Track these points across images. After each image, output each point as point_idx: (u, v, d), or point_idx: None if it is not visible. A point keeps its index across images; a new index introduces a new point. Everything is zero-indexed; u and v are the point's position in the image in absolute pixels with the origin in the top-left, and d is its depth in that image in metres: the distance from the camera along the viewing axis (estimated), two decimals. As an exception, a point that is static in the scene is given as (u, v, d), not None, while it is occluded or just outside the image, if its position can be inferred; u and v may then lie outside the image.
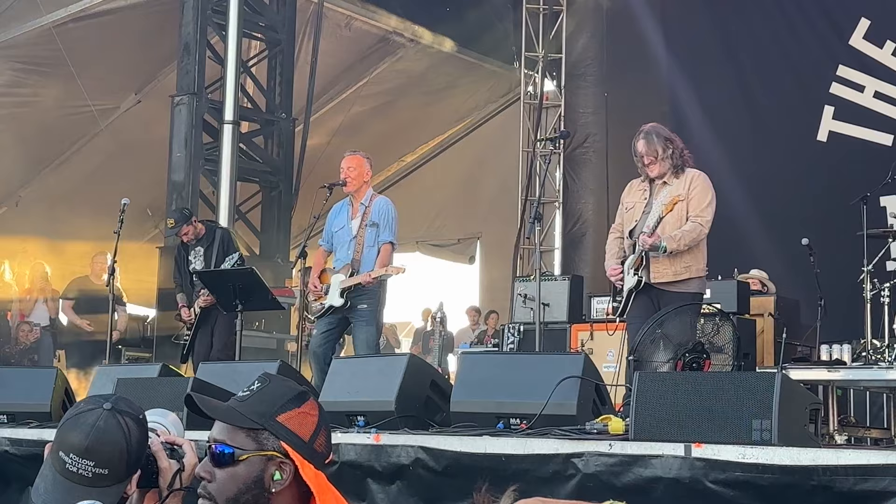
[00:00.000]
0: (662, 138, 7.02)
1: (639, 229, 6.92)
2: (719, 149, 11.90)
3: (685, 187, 6.88)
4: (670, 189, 6.90)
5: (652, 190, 7.03)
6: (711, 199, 6.90)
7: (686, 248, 6.79)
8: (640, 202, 7.08)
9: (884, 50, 10.93)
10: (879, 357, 7.60)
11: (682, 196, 6.84)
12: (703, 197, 6.88)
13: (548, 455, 4.96)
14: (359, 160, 8.49)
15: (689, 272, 6.82)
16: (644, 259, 6.81)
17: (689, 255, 6.83)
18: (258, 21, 12.82)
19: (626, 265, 6.91)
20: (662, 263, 6.80)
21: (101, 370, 7.71)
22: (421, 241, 16.90)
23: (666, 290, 6.80)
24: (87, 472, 2.31)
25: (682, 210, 6.82)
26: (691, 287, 6.82)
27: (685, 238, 6.76)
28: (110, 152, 14.41)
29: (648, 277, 6.79)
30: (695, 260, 6.85)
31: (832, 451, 4.50)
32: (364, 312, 8.18)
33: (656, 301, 6.80)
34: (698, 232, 6.81)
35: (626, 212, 7.13)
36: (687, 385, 5.02)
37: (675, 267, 6.80)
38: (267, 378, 2.32)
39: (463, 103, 16.40)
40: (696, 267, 6.85)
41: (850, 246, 8.70)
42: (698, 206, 6.84)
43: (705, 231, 6.84)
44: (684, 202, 6.84)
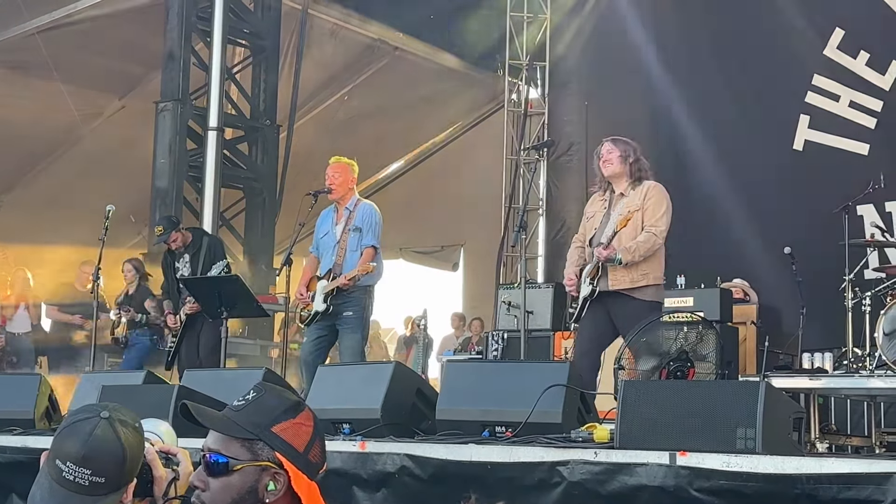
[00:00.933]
0: (628, 145, 7.30)
1: (597, 239, 7.15)
2: (702, 157, 11.97)
3: (641, 198, 7.09)
4: (627, 200, 7.12)
5: (611, 200, 7.26)
6: (666, 209, 7.09)
7: (642, 259, 6.98)
8: (599, 212, 7.31)
9: (857, 60, 11.00)
10: (861, 365, 7.65)
11: (638, 207, 7.05)
12: (658, 207, 7.06)
13: (533, 463, 4.98)
14: (343, 167, 8.53)
15: (647, 280, 7.01)
16: (600, 269, 7.01)
17: (647, 264, 7.02)
18: (243, 28, 12.83)
19: (584, 274, 7.13)
20: (620, 271, 7.00)
21: (85, 377, 7.68)
22: (405, 248, 16.92)
23: (623, 296, 6.99)
24: (84, 481, 2.32)
25: (637, 220, 7.03)
26: (647, 295, 7.02)
27: (640, 249, 6.96)
28: (94, 158, 14.38)
29: (606, 285, 7.00)
30: (652, 268, 7.04)
31: (816, 459, 4.53)
32: (349, 319, 8.20)
33: (611, 309, 7.02)
34: (653, 242, 6.99)
35: (587, 221, 7.38)
36: (672, 393, 5.05)
37: (632, 275, 7.00)
38: (262, 388, 2.34)
39: (447, 111, 16.43)
40: (653, 275, 7.04)
41: (830, 254, 8.76)
42: (653, 217, 7.03)
43: (660, 241, 7.03)
44: (640, 212, 7.04)
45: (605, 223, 7.19)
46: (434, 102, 16.01)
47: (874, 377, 7.20)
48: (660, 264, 7.12)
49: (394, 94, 15.47)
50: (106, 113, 14.35)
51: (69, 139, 14.50)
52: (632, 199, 7.12)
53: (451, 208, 16.45)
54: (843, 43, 11.05)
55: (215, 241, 10.07)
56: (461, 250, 17.40)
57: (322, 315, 8.26)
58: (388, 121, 15.83)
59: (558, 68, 14.25)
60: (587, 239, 7.30)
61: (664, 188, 7.20)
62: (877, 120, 10.84)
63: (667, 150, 12.31)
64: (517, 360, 8.40)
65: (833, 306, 8.54)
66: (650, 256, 7.02)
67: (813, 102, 11.25)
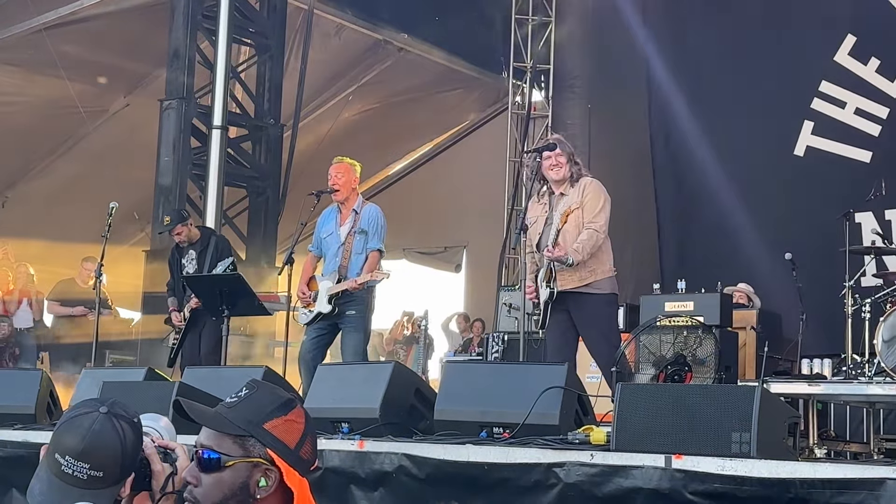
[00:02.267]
0: (568, 145, 7.39)
1: (543, 242, 7.19)
2: (704, 162, 11.99)
3: (579, 195, 7.15)
4: (567, 199, 7.17)
5: (551, 202, 7.30)
6: (604, 203, 7.14)
7: (588, 257, 7.04)
8: (541, 215, 7.35)
9: (868, 66, 11.02)
10: (860, 372, 7.66)
11: (578, 204, 7.09)
12: (596, 203, 7.11)
13: (530, 464, 5.00)
14: (346, 167, 8.54)
15: (594, 275, 7.07)
16: (552, 271, 7.06)
17: (592, 260, 7.07)
18: (248, 27, 12.85)
19: (539, 279, 7.18)
20: (567, 272, 7.06)
21: (86, 372, 7.72)
22: (407, 249, 16.94)
23: (576, 295, 7.04)
24: (83, 475, 2.35)
25: (578, 218, 7.07)
26: (602, 288, 7.09)
27: (585, 247, 7.02)
28: (98, 155, 14.41)
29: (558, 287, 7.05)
30: (598, 263, 7.10)
31: (810, 464, 4.55)
32: (352, 319, 8.22)
33: (570, 308, 7.07)
34: (595, 238, 7.04)
35: (531, 227, 7.39)
36: (668, 397, 5.07)
37: (580, 273, 7.07)
38: (255, 385, 2.36)
39: (451, 112, 16.45)
40: (600, 269, 7.10)
41: (830, 261, 8.77)
42: (591, 213, 7.08)
43: (601, 236, 7.09)
44: (579, 209, 7.08)
45: (548, 226, 7.23)
46: (438, 104, 16.04)
47: (873, 384, 7.20)
48: (607, 257, 7.20)
49: (398, 95, 15.49)
50: (111, 110, 14.38)
51: (74, 136, 14.53)
52: (571, 197, 7.17)
53: (455, 210, 16.46)
54: (855, 49, 11.07)
55: (223, 241, 10.11)
56: (464, 252, 17.41)
57: (325, 315, 8.29)
58: (391, 121, 15.85)
59: (562, 72, 14.28)
60: (534, 244, 7.35)
61: (600, 182, 7.27)
62: (881, 127, 10.86)
63: (669, 154, 12.34)
64: (515, 361, 8.41)
65: (833, 313, 8.55)
66: (595, 252, 7.08)
67: (818, 108, 11.27)
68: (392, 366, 6.28)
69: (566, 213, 6.94)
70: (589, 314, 7.00)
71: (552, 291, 7.02)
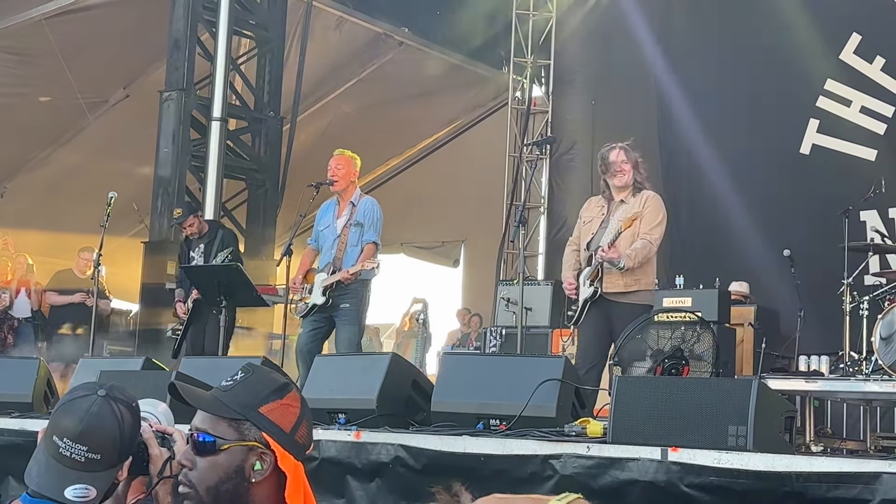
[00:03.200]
0: (635, 154, 7.51)
1: (595, 243, 7.35)
2: (707, 159, 11.98)
3: (640, 206, 7.33)
4: (627, 207, 7.35)
5: (610, 208, 7.46)
6: (662, 219, 7.37)
7: (638, 265, 7.22)
8: (597, 217, 7.51)
9: (873, 65, 11.02)
10: (857, 369, 7.67)
11: (636, 215, 7.27)
12: (654, 216, 7.31)
13: (526, 456, 5.01)
14: (346, 160, 8.56)
15: (639, 285, 7.25)
16: (600, 271, 7.22)
17: (639, 269, 7.26)
18: (248, 19, 12.84)
19: (582, 277, 7.34)
20: (615, 276, 7.24)
21: (83, 362, 7.72)
22: (406, 244, 16.94)
23: (616, 301, 7.23)
24: (80, 457, 2.36)
25: (636, 227, 7.26)
26: (640, 299, 7.26)
27: (638, 255, 7.21)
28: (97, 146, 14.40)
29: (602, 288, 7.23)
30: (644, 274, 7.30)
31: (805, 458, 4.56)
32: (347, 312, 8.23)
33: (607, 311, 7.23)
34: (648, 249, 7.24)
35: (584, 225, 7.57)
36: (665, 390, 5.08)
37: (626, 279, 7.24)
38: (250, 369, 2.36)
39: (451, 107, 16.44)
40: (645, 280, 7.31)
41: (830, 258, 8.77)
42: (649, 225, 7.28)
43: (654, 249, 7.31)
44: (637, 220, 7.26)
45: (603, 228, 7.38)
46: (438, 98, 16.02)
47: (870, 381, 7.21)
48: (652, 270, 7.43)
49: (398, 89, 15.48)
50: (111, 101, 14.37)
51: (73, 127, 14.52)
52: (632, 206, 7.33)
53: (453, 204, 16.46)
54: (860, 48, 11.07)
55: (229, 234, 10.17)
56: (462, 246, 17.42)
57: (320, 307, 8.29)
58: (391, 115, 15.84)
59: (562, 66, 14.28)
60: (584, 243, 7.49)
61: (660, 198, 7.47)
62: (886, 126, 10.86)
63: (673, 151, 12.33)
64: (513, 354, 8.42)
65: (831, 310, 8.55)
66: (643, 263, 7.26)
67: (823, 107, 11.27)
68: (389, 357, 6.29)
69: (630, 220, 7.13)
70: (626, 321, 7.04)
71: (595, 291, 7.21)
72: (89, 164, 14.44)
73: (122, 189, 10.45)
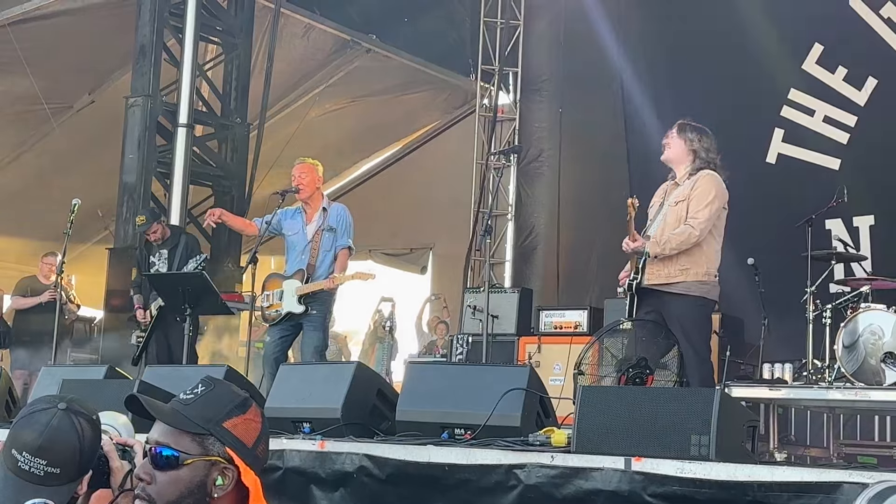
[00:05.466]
0: (695, 132, 6.88)
1: (649, 229, 6.85)
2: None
3: (690, 188, 6.72)
4: (680, 190, 6.78)
5: (668, 190, 6.93)
6: (712, 199, 6.64)
7: (674, 252, 6.61)
8: (657, 203, 6.96)
9: (835, 75, 11.12)
10: (820, 377, 7.72)
11: (684, 197, 6.71)
12: (703, 198, 6.63)
13: (490, 465, 5.01)
14: (309, 167, 8.58)
15: (685, 275, 6.61)
16: (641, 262, 6.68)
17: (686, 258, 6.63)
18: (215, 25, 12.79)
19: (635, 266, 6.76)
20: (656, 266, 6.66)
21: (46, 370, 7.66)
22: (374, 250, 16.91)
23: (663, 292, 6.64)
24: (39, 471, 2.34)
25: (682, 211, 6.67)
26: (691, 290, 6.61)
27: (671, 242, 6.61)
28: (62, 152, 14.29)
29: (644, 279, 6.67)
30: (693, 263, 6.63)
31: (767, 467, 4.58)
32: (314, 318, 8.23)
33: (657, 304, 6.66)
34: (687, 234, 6.59)
35: (650, 210, 7.00)
36: (629, 399, 5.10)
37: (668, 269, 6.65)
38: (211, 382, 2.35)
39: (419, 113, 16.45)
40: (694, 270, 6.62)
41: (794, 267, 8.83)
42: (696, 208, 6.62)
43: (696, 234, 6.59)
44: (685, 202, 6.69)
45: (658, 214, 6.87)
46: (405, 105, 16.02)
47: (833, 389, 7.26)
48: (705, 259, 6.67)
49: (365, 96, 15.47)
50: (75, 107, 14.27)
51: (37, 133, 14.40)
52: (684, 188, 6.74)
53: (421, 211, 16.46)
54: (822, 58, 11.17)
55: (193, 240, 10.14)
56: (430, 253, 17.42)
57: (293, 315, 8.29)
58: (358, 122, 15.82)
59: (530, 74, 14.32)
60: (644, 231, 6.90)
61: (717, 177, 6.75)
62: (849, 135, 10.95)
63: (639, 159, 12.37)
64: (478, 363, 8.43)
65: (795, 318, 8.61)
66: (692, 250, 6.62)
67: (788, 116, 11.36)
68: (354, 366, 6.29)
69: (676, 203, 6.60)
70: (675, 316, 6.60)
71: (630, 283, 6.65)
72: (53, 171, 14.33)
73: (87, 195, 10.40)
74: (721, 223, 6.82)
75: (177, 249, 9.56)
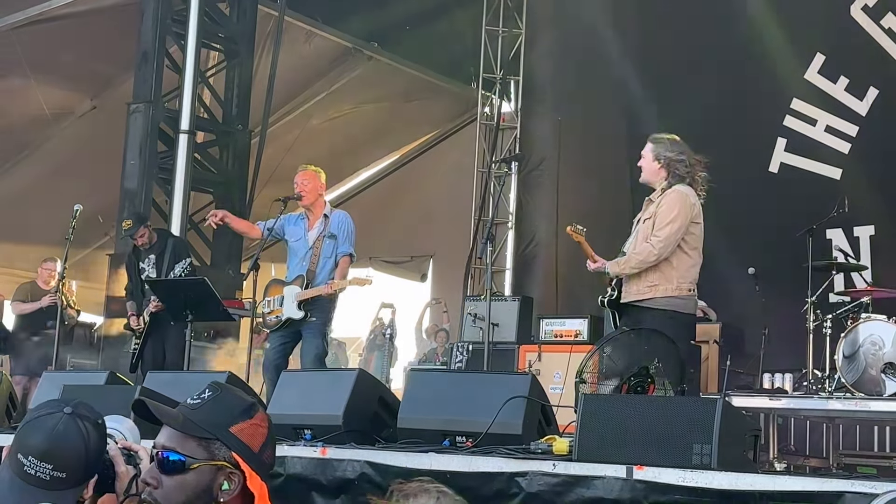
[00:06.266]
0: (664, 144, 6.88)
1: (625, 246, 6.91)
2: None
3: (657, 205, 6.74)
4: (652, 206, 6.79)
5: (645, 206, 6.94)
6: (674, 217, 6.64)
7: (634, 271, 6.66)
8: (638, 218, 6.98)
9: (837, 85, 11.14)
10: (820, 387, 7.73)
11: (651, 214, 6.74)
12: (666, 216, 6.65)
13: (492, 473, 5.01)
14: (311, 174, 8.59)
15: (654, 292, 6.65)
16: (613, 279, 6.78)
17: (654, 274, 6.66)
18: (217, 32, 12.82)
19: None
20: (629, 283, 6.71)
21: (47, 375, 7.65)
22: (374, 258, 16.92)
23: (638, 307, 6.69)
24: (45, 475, 2.34)
25: (649, 229, 6.70)
26: (661, 305, 6.64)
27: (631, 261, 6.68)
28: (64, 157, 14.31)
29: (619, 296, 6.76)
30: (662, 279, 6.65)
31: (769, 476, 4.58)
32: (314, 325, 8.23)
33: (636, 319, 6.69)
34: (646, 254, 6.63)
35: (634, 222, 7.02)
36: (631, 408, 5.09)
37: (638, 286, 6.70)
38: (218, 388, 2.36)
39: (420, 121, 16.47)
40: (663, 287, 6.64)
41: (795, 277, 8.84)
42: (658, 226, 6.65)
43: (654, 252, 6.61)
44: (651, 220, 6.72)
45: (633, 230, 6.91)
46: (407, 112, 16.05)
47: (833, 399, 7.27)
48: (676, 273, 6.67)
49: (366, 104, 15.49)
50: (77, 112, 14.28)
51: (39, 138, 14.42)
52: (655, 204, 6.75)
53: (422, 219, 16.48)
54: (824, 68, 11.20)
55: (180, 242, 10.09)
56: (430, 261, 17.42)
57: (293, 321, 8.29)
58: (360, 129, 15.84)
59: (532, 83, 14.33)
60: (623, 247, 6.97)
61: (685, 193, 6.75)
62: (851, 145, 10.98)
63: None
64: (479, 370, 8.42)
65: (795, 328, 8.62)
66: (660, 266, 6.64)
67: (790, 126, 11.39)
68: (356, 373, 6.28)
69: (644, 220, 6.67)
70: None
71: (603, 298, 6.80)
72: (55, 176, 14.34)
73: (88, 201, 10.39)
74: (693, 237, 6.80)
75: (165, 254, 9.53)
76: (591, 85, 13.36)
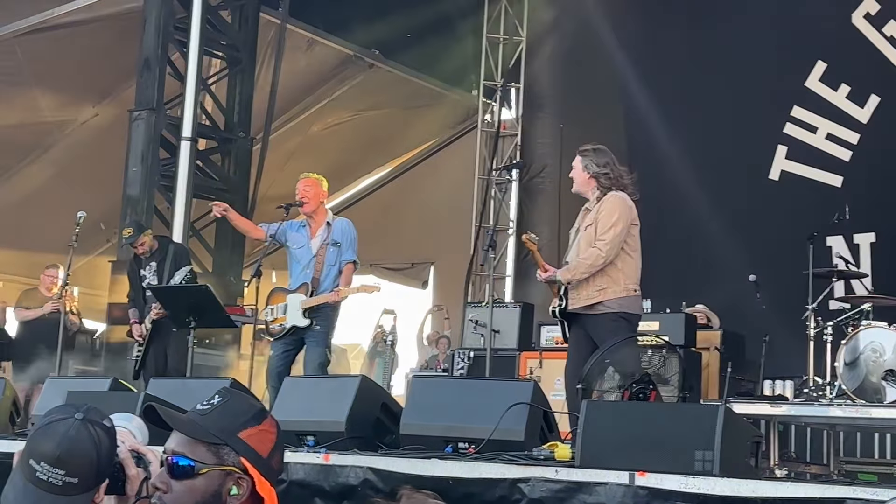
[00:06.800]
0: (592, 154, 7.03)
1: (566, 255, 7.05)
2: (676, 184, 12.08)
3: (597, 211, 6.86)
4: (591, 214, 6.91)
5: (582, 216, 7.06)
6: (616, 220, 6.76)
7: (584, 276, 6.77)
8: (575, 227, 7.12)
9: (838, 92, 11.18)
10: (821, 394, 7.75)
11: (592, 221, 6.85)
12: (608, 220, 6.77)
13: (495, 479, 5.03)
14: (313, 181, 8.61)
15: (604, 294, 6.75)
16: (562, 287, 6.88)
17: (602, 278, 6.76)
18: (220, 39, 12.85)
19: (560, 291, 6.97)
20: (576, 289, 6.83)
21: (50, 382, 7.67)
22: (375, 264, 16.93)
23: (587, 315, 6.81)
24: (58, 481, 2.36)
25: (591, 235, 6.80)
26: (612, 308, 6.75)
27: (580, 267, 6.78)
28: (66, 165, 14.34)
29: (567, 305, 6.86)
30: (610, 282, 6.76)
31: (771, 483, 4.61)
32: (317, 333, 8.25)
33: (584, 326, 6.83)
34: (594, 257, 6.73)
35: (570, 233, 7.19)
36: (633, 415, 5.12)
37: (587, 291, 6.79)
38: (227, 393, 2.38)
39: (421, 128, 16.49)
40: (612, 289, 6.75)
41: (795, 284, 8.87)
42: (601, 230, 6.76)
43: (602, 255, 6.72)
44: (593, 226, 6.83)
45: (573, 240, 7.04)
46: (408, 120, 16.08)
47: (834, 406, 7.29)
48: (624, 276, 6.79)
49: (368, 111, 15.52)
50: (79, 120, 14.31)
51: (41, 145, 14.44)
52: (594, 212, 6.88)
53: (423, 226, 16.49)
54: (825, 75, 11.23)
55: (181, 249, 10.10)
56: (431, 268, 17.44)
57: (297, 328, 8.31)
58: (361, 137, 15.87)
59: (533, 90, 14.37)
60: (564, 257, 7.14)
61: (624, 197, 6.87)
62: (852, 153, 11.01)
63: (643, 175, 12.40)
64: (482, 377, 8.44)
65: (796, 335, 8.64)
66: (607, 269, 6.75)
67: (791, 133, 11.42)
68: (359, 379, 6.30)
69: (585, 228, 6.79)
70: (600, 334, 6.70)
71: (554, 308, 6.90)
72: (57, 183, 14.36)
73: (90, 208, 10.42)
74: (634, 239, 6.92)
75: (166, 261, 9.55)
76: (592, 92, 13.40)
